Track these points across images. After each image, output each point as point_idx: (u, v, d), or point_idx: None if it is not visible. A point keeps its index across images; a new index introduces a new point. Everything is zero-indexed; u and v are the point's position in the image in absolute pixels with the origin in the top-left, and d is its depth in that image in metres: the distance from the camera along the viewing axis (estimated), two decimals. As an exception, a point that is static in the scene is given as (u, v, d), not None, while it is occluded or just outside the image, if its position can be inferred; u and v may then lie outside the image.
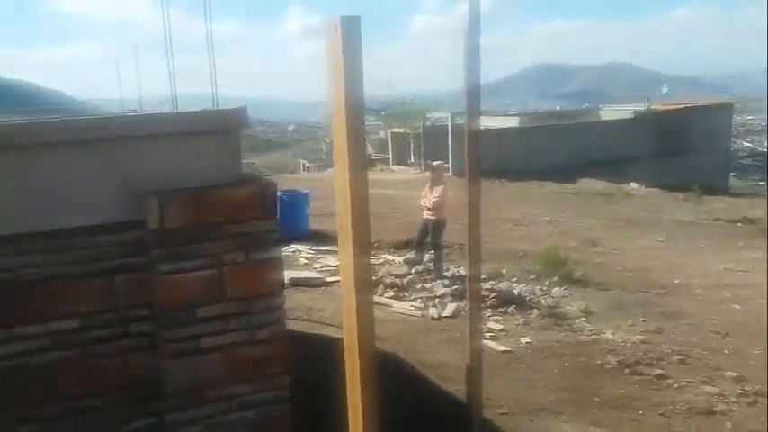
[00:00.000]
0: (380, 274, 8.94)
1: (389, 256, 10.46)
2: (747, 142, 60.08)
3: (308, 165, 41.60)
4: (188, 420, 2.96)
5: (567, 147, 27.74)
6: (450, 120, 27.66)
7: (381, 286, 8.56)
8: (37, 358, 2.83)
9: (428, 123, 29.40)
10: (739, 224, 17.41)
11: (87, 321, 2.87)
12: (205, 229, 2.89)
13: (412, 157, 28.77)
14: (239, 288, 2.97)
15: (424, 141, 27.89)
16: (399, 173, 25.86)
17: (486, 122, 33.45)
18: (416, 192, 19.22)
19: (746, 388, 5.82)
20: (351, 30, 1.66)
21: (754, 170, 47.37)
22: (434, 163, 10.52)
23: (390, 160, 30.23)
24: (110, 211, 2.86)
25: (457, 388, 5.24)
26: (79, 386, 2.90)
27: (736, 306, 9.22)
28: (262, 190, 3.01)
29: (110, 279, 2.89)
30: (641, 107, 33.96)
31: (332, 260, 9.89)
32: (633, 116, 31.81)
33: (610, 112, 34.51)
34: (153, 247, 2.84)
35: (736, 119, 47.11)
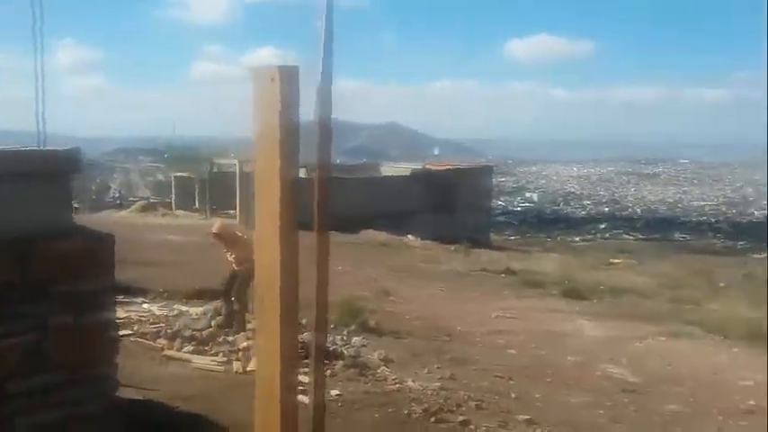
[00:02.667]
0: (177, 327, 8.34)
1: (183, 307, 9.84)
2: (501, 201, 67.70)
3: (76, 205, 37.98)
4: None
5: (350, 199, 28.86)
6: (238, 166, 27.29)
7: (179, 340, 7.97)
8: None
9: (215, 169, 28.69)
10: (503, 275, 19.36)
11: None
12: (28, 287, 2.45)
13: (197, 202, 27.75)
14: (65, 356, 2.55)
15: (210, 187, 27.09)
16: (183, 218, 24.75)
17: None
18: (204, 238, 18.56)
19: (537, 430, 6.36)
20: (290, 80, 1.55)
21: (506, 226, 53.44)
22: (215, 228, 9.44)
23: (173, 204, 28.83)
24: None
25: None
26: None
27: (513, 351, 10.14)
28: (97, 243, 2.65)
29: None
30: (418, 166, 36.72)
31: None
32: (410, 174, 34.19)
33: (389, 169, 36.74)
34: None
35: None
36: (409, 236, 26.74)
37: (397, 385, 7.52)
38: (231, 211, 23.75)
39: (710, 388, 8.88)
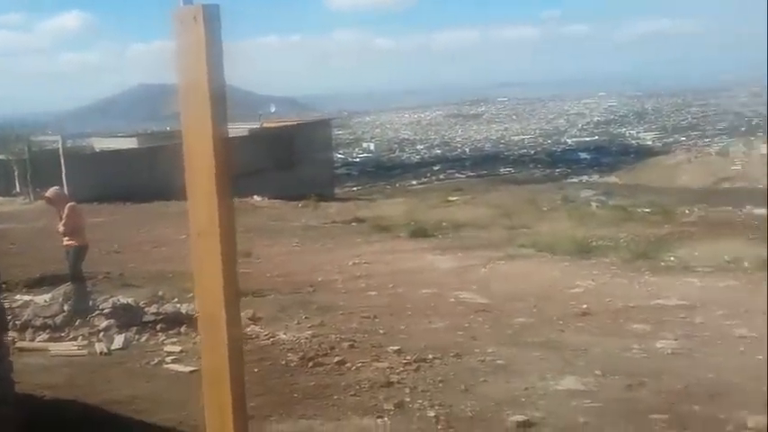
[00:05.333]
0: (26, 317, 7.78)
1: (26, 297, 9.15)
2: (340, 154, 68.41)
3: None
4: None
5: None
6: (61, 143, 25.09)
7: (31, 330, 7.46)
8: None
9: (35, 148, 26.14)
10: (353, 224, 19.85)
11: None
12: None
13: (18, 186, 25.23)
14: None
15: (31, 168, 24.71)
16: (4, 204, 22.45)
17: (101, 144, 31.35)
18: (32, 224, 17.13)
19: (408, 357, 6.83)
20: (213, 19, 1.53)
21: (348, 178, 54.31)
22: (48, 193, 9.29)
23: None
24: None
25: (161, 417, 5.00)
26: None
27: (373, 293, 10.60)
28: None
29: None
30: (255, 125, 35.90)
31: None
32: (248, 133, 33.43)
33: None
34: None
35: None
36: (255, 196, 26.34)
37: (270, 339, 7.66)
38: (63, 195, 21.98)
39: (548, 299, 9.93)
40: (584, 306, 9.28)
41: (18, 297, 9.13)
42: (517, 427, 5.11)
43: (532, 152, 69.94)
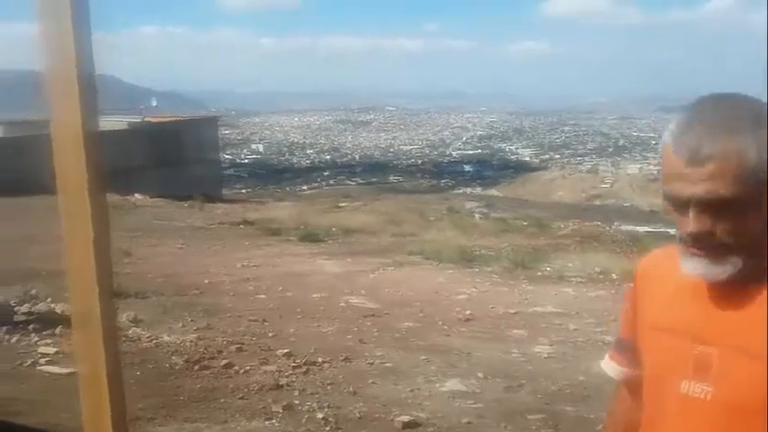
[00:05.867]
0: None
1: None
2: (228, 155, 66.87)
3: None
4: None
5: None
6: None
7: None
8: None
9: None
10: (241, 226, 19.51)
11: None
12: None
13: None
14: None
15: None
16: None
17: (-40, 131, 28.82)
18: None
19: (297, 361, 6.83)
20: (80, 2, 1.46)
21: (236, 179, 53.23)
22: None
23: None
24: None
25: (37, 419, 4.72)
26: None
27: (262, 296, 10.49)
28: None
29: None
30: (136, 119, 34.41)
31: None
32: (128, 127, 31.97)
33: (105, 123, 33.84)
34: None
35: (216, 133, 52.02)
36: (136, 194, 25.23)
37: (154, 342, 7.39)
38: None
39: (434, 304, 10.27)
40: (468, 312, 9.67)
41: None
42: (403, 427, 5.26)
43: (420, 162, 71.85)
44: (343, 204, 29.84)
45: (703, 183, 1.13)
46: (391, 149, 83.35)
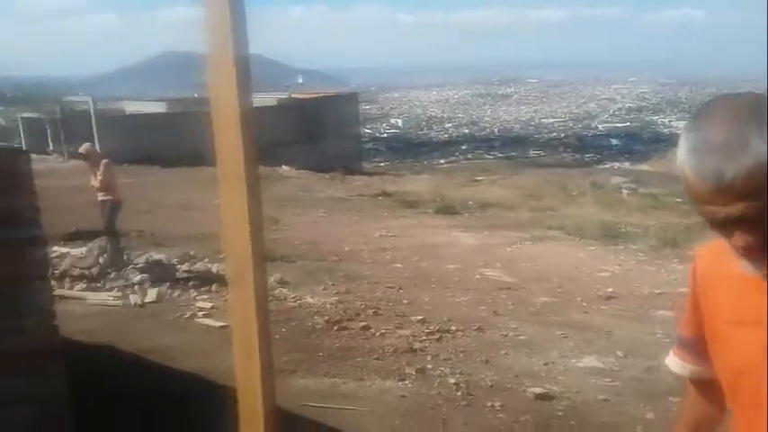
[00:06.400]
0: (64, 267, 8.06)
1: (63, 249, 9.44)
2: (368, 129, 68.38)
3: None
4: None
5: (218, 132, 27.94)
6: (91, 104, 25.49)
7: (69, 279, 7.75)
8: None
9: (66, 108, 26.61)
10: (380, 198, 19.99)
11: None
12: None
13: (51, 144, 25.74)
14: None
15: (64, 127, 25.18)
16: (39, 162, 22.91)
17: (130, 107, 31.74)
18: (67, 181, 17.53)
19: (431, 327, 6.95)
20: None
21: (375, 153, 54.35)
22: (82, 148, 9.69)
23: (23, 148, 26.57)
24: None
25: (193, 365, 5.20)
26: None
27: (399, 265, 10.72)
28: (13, 161, 2.64)
29: None
30: (283, 95, 36.04)
31: None
32: (277, 103, 33.58)
33: (255, 100, 35.72)
34: None
35: (355, 108, 53.25)
36: (283, 166, 26.57)
37: (297, 302, 7.83)
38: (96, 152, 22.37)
39: (574, 280, 9.97)
40: (610, 290, 9.29)
41: (56, 249, 9.41)
42: (535, 398, 5.21)
43: (562, 136, 69.19)
44: (481, 178, 29.53)
45: (735, 204, 1.13)
46: (532, 123, 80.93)
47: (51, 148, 25.59)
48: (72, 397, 2.93)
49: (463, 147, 60.51)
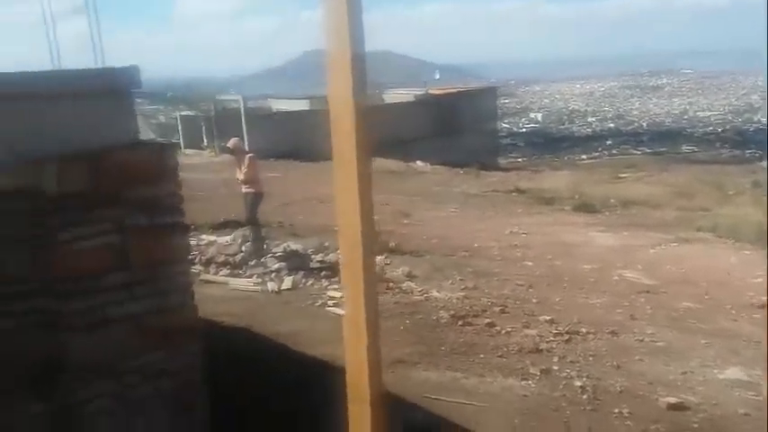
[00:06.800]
0: (210, 254, 8.69)
1: (211, 237, 10.16)
2: (505, 124, 67.15)
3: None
4: (96, 396, 2.74)
5: (357, 128, 28.69)
6: (242, 102, 27.17)
7: (214, 265, 8.35)
8: None
9: (219, 107, 28.59)
10: (514, 194, 19.61)
11: (-30, 302, 2.52)
12: (106, 193, 2.68)
13: (205, 140, 27.79)
14: (144, 254, 2.81)
15: (216, 124, 27.08)
16: (193, 156, 24.84)
17: (277, 105, 33.42)
18: (217, 175, 18.82)
19: (559, 328, 6.72)
20: None
21: (512, 148, 53.24)
22: (229, 143, 10.29)
23: (181, 144, 28.91)
24: (-5, 176, 2.52)
25: (320, 352, 5.40)
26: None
27: (530, 263, 10.45)
28: (161, 153, 2.87)
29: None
30: (420, 91, 36.32)
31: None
32: (414, 99, 33.91)
33: (392, 96, 36.41)
34: (50, 214, 2.57)
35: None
36: (418, 161, 26.81)
37: (424, 296, 7.87)
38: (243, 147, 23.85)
39: (723, 286, 9.20)
40: (764, 298, 8.48)
41: (204, 237, 10.15)
42: (668, 408, 4.87)
43: (719, 130, 63.84)
44: (625, 175, 28.04)
45: None
46: (685, 116, 75.33)
47: (205, 143, 27.60)
48: (207, 372, 3.16)
49: (608, 142, 57.62)
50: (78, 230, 2.61)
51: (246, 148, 22.04)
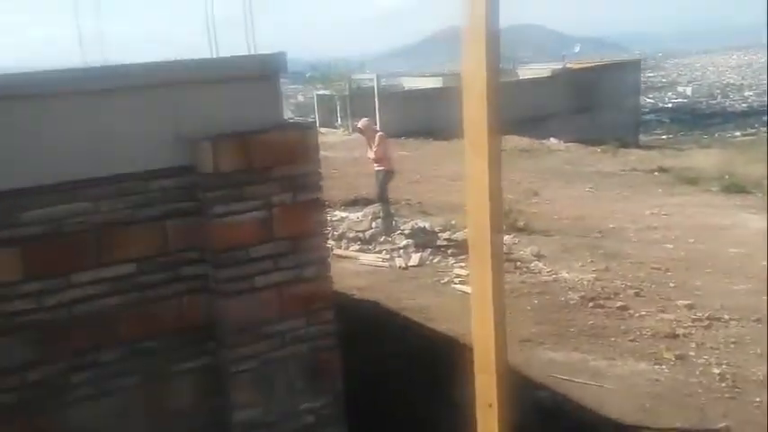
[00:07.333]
0: (342, 230, 9.10)
1: (343, 213, 10.60)
2: (650, 98, 63.36)
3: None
4: (243, 357, 3.06)
5: (489, 106, 28.32)
6: (375, 81, 27.69)
7: (345, 241, 8.74)
8: (92, 305, 2.84)
9: (354, 86, 29.32)
10: (656, 173, 18.56)
11: (142, 266, 2.90)
12: (256, 172, 2.96)
13: (339, 119, 28.67)
14: (287, 228, 3.07)
15: (350, 103, 27.84)
16: (328, 135, 25.74)
17: (409, 83, 33.72)
18: (350, 153, 19.44)
19: (698, 314, 6.42)
20: None
21: (656, 125, 50.19)
22: (360, 123, 10.54)
23: (317, 123, 30.06)
24: (160, 156, 2.88)
25: (446, 327, 5.56)
26: (134, 330, 2.94)
27: (669, 246, 9.95)
28: (305, 134, 3.10)
29: (161, 224, 2.92)
30: (558, 66, 35.10)
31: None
32: (550, 75, 32.86)
33: (527, 71, 35.50)
34: (207, 190, 2.89)
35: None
36: (552, 139, 26.04)
37: (552, 276, 7.79)
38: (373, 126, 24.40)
39: None
40: None
41: (337, 213, 10.60)
42: (817, 400, 4.56)
43: None
44: (785, 153, 25.63)
45: None
46: None
47: (339, 122, 28.45)
48: (340, 338, 3.40)
49: (765, 118, 52.77)
50: (231, 206, 2.91)
51: (378, 126, 22.57)
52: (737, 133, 45.71)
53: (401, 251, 8.45)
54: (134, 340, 2.93)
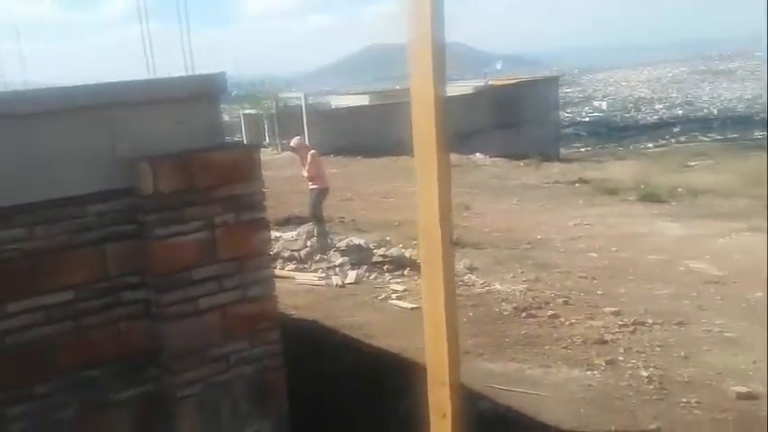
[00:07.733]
0: (276, 249, 9.02)
1: (276, 233, 10.50)
2: (568, 113, 65.90)
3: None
4: (188, 382, 3.01)
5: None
6: (303, 100, 27.67)
7: (281, 260, 8.67)
8: (28, 335, 2.73)
9: (281, 104, 29.19)
10: (577, 185, 19.31)
11: (80, 293, 2.81)
12: (197, 192, 2.93)
13: (267, 138, 28.45)
14: (231, 249, 3.05)
15: (278, 122, 27.69)
16: (257, 154, 25.53)
17: (336, 101, 33.88)
18: (280, 172, 19.31)
19: (624, 320, 6.71)
20: None
21: (575, 138, 52.22)
22: (292, 142, 10.58)
23: (244, 141, 29.70)
24: (97, 179, 2.81)
25: (385, 343, 5.60)
26: (73, 360, 2.84)
27: (594, 254, 10.37)
28: (247, 153, 3.10)
29: (100, 248, 2.85)
30: (480, 83, 36.05)
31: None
32: (473, 92, 33.71)
33: (452, 89, 36.28)
34: (147, 212, 2.84)
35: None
36: (477, 154, 26.69)
37: (486, 288, 7.97)
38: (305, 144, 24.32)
39: (797, 276, 8.92)
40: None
41: (270, 233, 10.49)
42: (738, 397, 4.85)
43: (795, 115, 60.82)
44: (694, 163, 27.19)
45: None
46: (759, 101, 72.20)
47: (267, 141, 28.23)
48: (285, 359, 3.37)
49: (675, 129, 55.82)
50: (172, 228, 2.87)
51: (307, 144, 22.49)
52: (650, 144, 48.12)
53: (337, 269, 8.46)
54: (72, 370, 2.83)
